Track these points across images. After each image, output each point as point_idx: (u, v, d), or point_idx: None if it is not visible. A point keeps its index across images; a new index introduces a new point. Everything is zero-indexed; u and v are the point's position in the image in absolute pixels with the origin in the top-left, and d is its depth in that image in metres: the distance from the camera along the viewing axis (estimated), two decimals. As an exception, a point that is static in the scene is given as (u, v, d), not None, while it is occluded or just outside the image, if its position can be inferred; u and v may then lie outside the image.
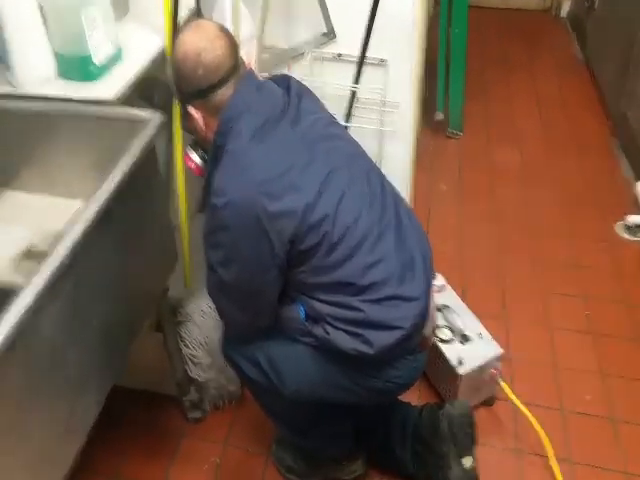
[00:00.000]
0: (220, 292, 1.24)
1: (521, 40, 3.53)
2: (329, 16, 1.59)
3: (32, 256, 0.96)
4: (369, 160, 1.29)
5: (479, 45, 3.38)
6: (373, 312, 1.15)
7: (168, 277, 1.47)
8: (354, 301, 1.15)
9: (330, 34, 1.62)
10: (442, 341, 1.69)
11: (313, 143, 1.16)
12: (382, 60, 1.62)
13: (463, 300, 1.99)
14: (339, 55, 1.64)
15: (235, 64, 1.15)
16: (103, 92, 1.31)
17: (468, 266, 2.19)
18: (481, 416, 1.70)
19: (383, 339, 1.15)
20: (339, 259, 1.13)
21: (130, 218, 1.20)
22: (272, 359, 1.26)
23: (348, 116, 1.60)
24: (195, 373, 1.65)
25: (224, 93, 1.14)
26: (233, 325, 1.31)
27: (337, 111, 1.62)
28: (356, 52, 1.58)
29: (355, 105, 1.65)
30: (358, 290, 1.15)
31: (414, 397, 1.74)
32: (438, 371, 1.73)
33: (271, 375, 1.27)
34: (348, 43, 1.53)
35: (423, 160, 2.66)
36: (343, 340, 1.16)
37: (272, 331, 1.26)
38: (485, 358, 1.64)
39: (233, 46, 1.15)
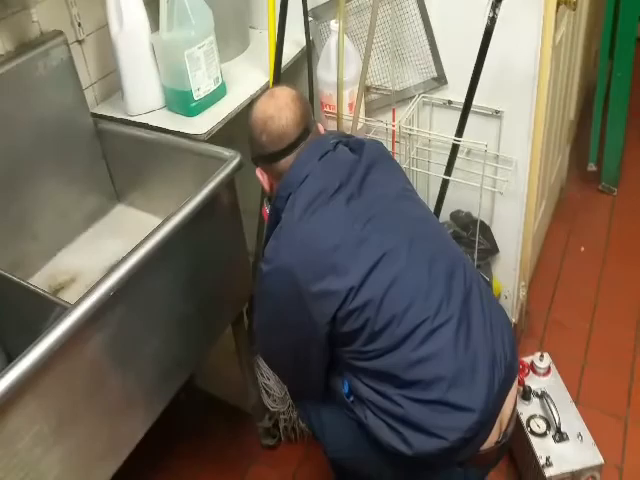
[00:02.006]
0: (265, 355, 1.26)
1: None
2: (440, 60, 1.51)
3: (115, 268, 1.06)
4: (442, 240, 1.19)
5: None
6: (414, 411, 1.05)
7: (241, 305, 1.54)
8: (395, 394, 1.07)
9: (441, 79, 1.53)
10: (533, 433, 1.52)
11: (371, 221, 1.09)
12: (497, 111, 1.49)
13: (578, 388, 1.80)
14: (449, 102, 1.55)
15: (302, 134, 1.14)
16: (195, 127, 1.42)
17: (595, 349, 1.93)
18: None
19: (424, 444, 1.05)
20: (381, 349, 1.06)
21: (202, 243, 1.29)
22: (321, 421, 1.26)
23: (449, 169, 1.50)
24: (267, 402, 1.71)
25: (287, 161, 1.14)
26: (286, 385, 1.31)
27: (443, 162, 1.54)
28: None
29: (464, 157, 1.55)
30: (401, 384, 1.06)
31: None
32: (524, 466, 1.56)
33: (319, 435, 1.28)
34: (460, 90, 1.43)
35: (565, 214, 2.42)
36: (382, 432, 1.09)
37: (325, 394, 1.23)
38: (579, 464, 1.44)
39: (303, 115, 1.14)
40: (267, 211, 1.28)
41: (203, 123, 1.43)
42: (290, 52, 1.64)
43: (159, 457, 1.73)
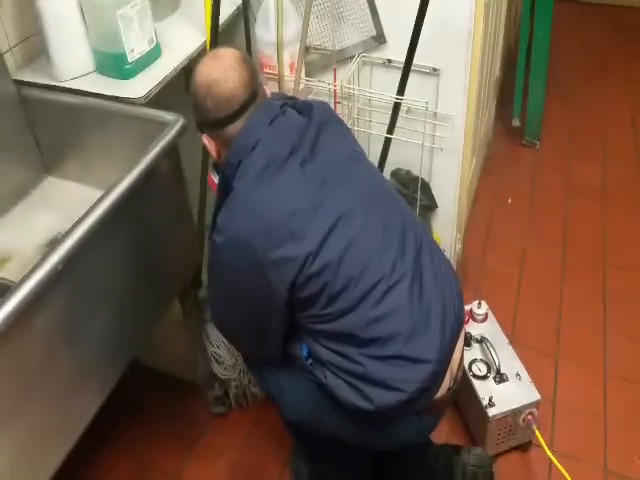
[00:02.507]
0: (222, 325, 1.26)
1: (621, 40, 3.26)
2: (379, 19, 1.54)
3: (57, 244, 1.02)
4: (392, 200, 1.22)
5: (570, 43, 3.17)
6: (374, 368, 1.10)
7: (189, 275, 1.52)
8: (355, 353, 1.10)
9: (380, 38, 1.57)
10: (475, 376, 1.62)
11: (325, 184, 1.10)
12: (434, 69, 1.55)
13: (512, 331, 1.93)
14: (389, 61, 1.59)
15: (249, 97, 1.12)
16: (133, 91, 1.37)
17: (524, 292, 2.08)
18: (512, 461, 1.64)
19: (384, 398, 1.10)
20: (340, 310, 1.09)
21: (146, 214, 1.26)
22: (279, 385, 1.28)
23: (391, 128, 1.55)
24: (217, 370, 1.72)
25: (235, 126, 1.12)
26: (241, 352, 1.33)
27: (384, 121, 1.59)
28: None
29: (404, 116, 1.61)
30: (360, 343, 1.10)
31: (443, 431, 1.70)
32: (469, 408, 1.67)
33: (277, 399, 1.30)
34: (399, 49, 1.47)
35: (492, 169, 2.55)
36: (342, 390, 1.13)
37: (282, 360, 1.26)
38: (519, 402, 1.55)
39: (250, 77, 1.12)
40: (213, 179, 1.27)
41: (139, 86, 1.37)
42: (225, 11, 1.60)
43: (108, 435, 1.72)
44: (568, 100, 2.86)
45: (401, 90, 1.48)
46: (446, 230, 1.86)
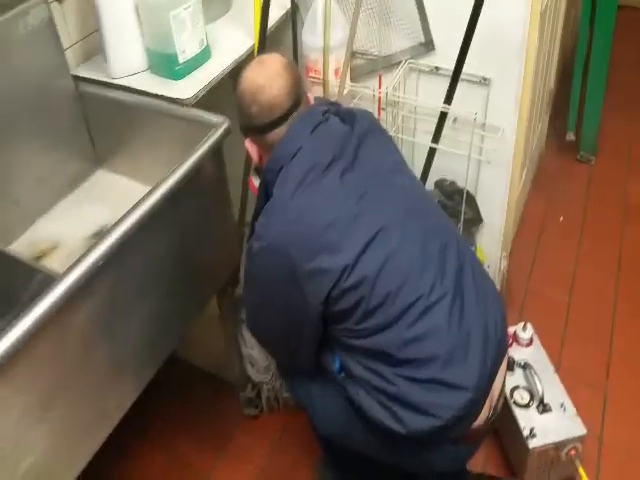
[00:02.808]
0: (254, 330, 1.26)
1: None
2: (428, 25, 1.51)
3: (101, 238, 1.05)
4: (434, 215, 1.19)
5: (632, 52, 3.05)
6: (408, 390, 1.06)
7: (228, 273, 1.54)
8: (389, 373, 1.07)
9: (429, 45, 1.53)
10: (517, 404, 1.55)
11: (365, 196, 1.08)
12: (484, 79, 1.51)
13: (558, 359, 1.85)
14: (437, 69, 1.56)
15: (293, 104, 1.11)
16: (182, 92, 1.39)
17: (573, 319, 1.99)
18: (552, 496, 1.57)
19: (417, 422, 1.07)
20: (375, 326, 1.06)
21: (188, 213, 1.28)
22: (311, 397, 1.27)
23: (437, 137, 1.52)
24: (250, 372, 1.73)
25: (278, 133, 1.12)
26: (274, 359, 1.32)
27: (429, 129, 1.55)
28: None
29: (450, 125, 1.56)
30: (395, 362, 1.07)
31: (479, 459, 1.64)
32: (509, 437, 1.61)
33: (308, 411, 1.29)
34: (448, 57, 1.44)
35: (543, 184, 2.47)
36: (374, 410, 1.10)
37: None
38: (563, 435, 1.48)
39: (294, 85, 1.11)
40: (254, 182, 1.27)
41: (188, 87, 1.40)
42: (274, 15, 1.60)
43: (142, 427, 1.75)
44: (628, 114, 2.75)
45: (448, 99, 1.44)
46: (491, 246, 1.80)
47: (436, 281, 1.07)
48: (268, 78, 1.10)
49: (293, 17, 1.60)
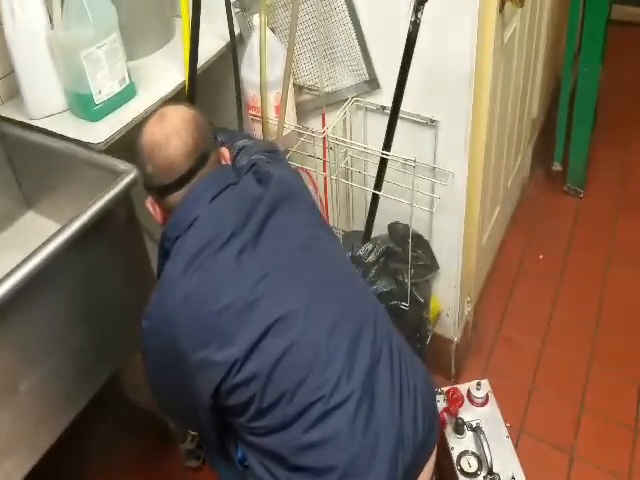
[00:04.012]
0: (156, 400, 1.18)
1: None
2: (371, 63, 1.44)
3: None
4: (349, 297, 1.08)
5: (628, 74, 2.95)
6: None
7: None
8: (284, 477, 1.00)
9: (373, 83, 1.47)
10: (463, 472, 1.48)
11: (265, 278, 0.99)
12: (432, 120, 1.44)
13: (523, 414, 1.79)
14: (383, 108, 1.49)
15: (194, 165, 1.03)
16: (94, 135, 1.35)
17: (543, 370, 1.90)
18: None
19: None
20: (269, 427, 0.99)
21: (96, 265, 1.25)
22: (219, 474, 1.24)
23: (378, 183, 1.46)
24: None
25: (177, 196, 1.05)
26: None
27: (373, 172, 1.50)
28: (404, 107, 1.43)
29: (399, 170, 1.51)
30: (290, 467, 0.99)
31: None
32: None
33: None
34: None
35: (525, 217, 2.39)
36: None
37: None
38: (508, 516, 1.41)
39: (197, 144, 1.04)
40: None
41: (104, 130, 1.35)
42: (213, 47, 1.56)
43: (76, 472, 1.73)
44: (620, 144, 2.66)
45: (387, 143, 1.38)
46: (449, 293, 1.73)
47: (341, 379, 0.98)
48: (165, 135, 1.03)
49: (233, 50, 1.55)
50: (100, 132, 1.35)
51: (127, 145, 1.30)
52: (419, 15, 1.18)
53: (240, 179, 1.09)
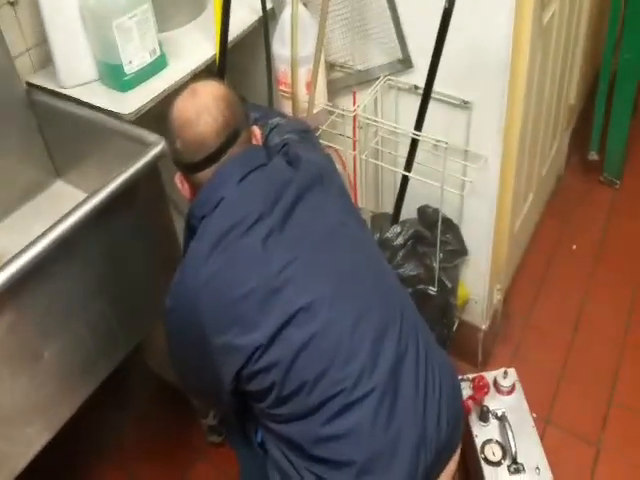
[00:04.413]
0: (178, 377, 1.18)
1: None
2: (405, 42, 1.40)
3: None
4: (380, 288, 1.05)
5: None
6: None
7: None
8: (301, 466, 0.99)
9: (406, 62, 1.43)
10: (487, 461, 1.46)
11: (291, 265, 0.96)
12: (465, 102, 1.40)
13: (551, 405, 1.75)
14: (415, 87, 1.46)
15: (224, 143, 1.01)
16: (124, 105, 1.35)
17: (572, 360, 1.86)
18: None
19: None
20: (289, 415, 0.97)
21: (122, 238, 1.25)
22: (240, 458, 1.25)
23: (409, 165, 1.42)
24: None
25: (206, 174, 1.03)
26: None
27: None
28: (437, 87, 1.40)
29: (431, 151, 1.47)
30: (308, 457, 0.98)
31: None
32: (477, 492, 1.52)
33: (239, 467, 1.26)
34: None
35: (560, 207, 2.33)
36: None
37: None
38: (531, 504, 1.38)
39: (228, 121, 1.01)
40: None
41: (134, 100, 1.35)
42: (245, 21, 1.54)
43: (97, 447, 1.75)
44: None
45: (419, 124, 1.35)
46: (478, 280, 1.70)
47: (364, 373, 0.96)
48: (196, 112, 1.01)
49: (265, 25, 1.53)
50: (130, 102, 1.34)
51: (157, 116, 1.29)
52: (455, -8, 1.14)
53: (270, 160, 1.06)
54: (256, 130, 1.12)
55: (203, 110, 1.01)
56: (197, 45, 1.50)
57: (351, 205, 1.15)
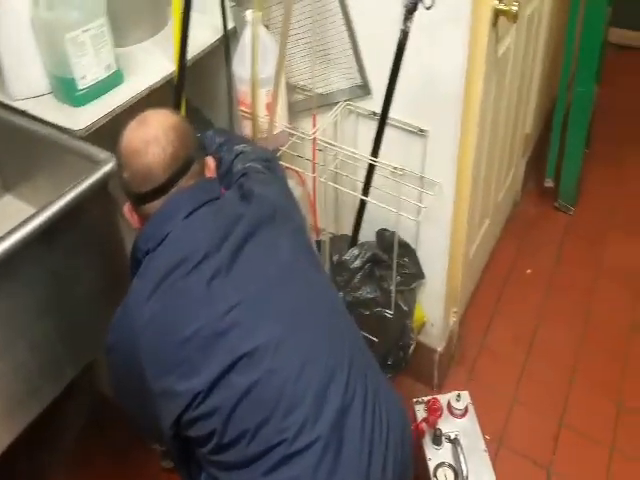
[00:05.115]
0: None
1: None
2: (364, 68, 1.42)
3: None
4: (327, 334, 1.00)
5: (619, 98, 2.91)
6: None
7: None
8: None
9: (365, 88, 1.45)
10: (439, 485, 1.46)
11: (237, 307, 0.93)
12: (421, 130, 1.42)
13: (503, 427, 1.76)
14: (374, 114, 1.47)
15: (172, 177, 0.98)
16: (75, 121, 1.31)
17: (525, 382, 1.88)
18: None
19: None
20: (229, 463, 0.94)
21: (67, 259, 1.21)
22: None
23: (366, 189, 1.43)
24: None
25: (154, 206, 1.00)
26: None
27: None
28: (394, 114, 1.41)
29: (388, 177, 1.48)
30: None
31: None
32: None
33: None
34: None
35: (515, 231, 2.37)
36: None
37: None
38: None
39: (176, 153, 0.98)
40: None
41: (85, 116, 1.32)
42: (209, 38, 1.53)
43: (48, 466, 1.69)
44: (614, 162, 2.64)
45: (375, 150, 1.36)
46: (434, 303, 1.71)
47: (307, 423, 0.91)
48: (144, 142, 0.98)
49: (226, 44, 1.53)
50: (81, 118, 1.32)
51: (113, 133, 1.27)
52: (408, 24, 1.16)
53: (223, 193, 1.04)
54: (210, 161, 1.10)
55: (152, 140, 0.98)
56: (156, 61, 1.48)
57: (307, 245, 1.11)
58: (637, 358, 1.93)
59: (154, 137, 0.98)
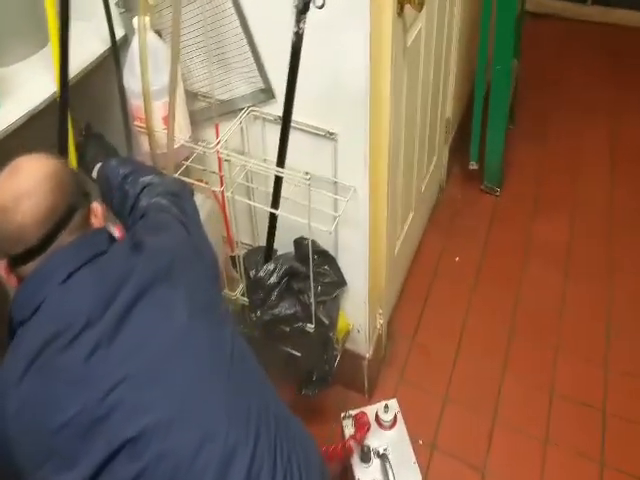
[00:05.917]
0: None
1: (608, 67, 3.00)
2: (265, 72, 1.33)
3: None
4: (227, 408, 0.90)
5: (541, 69, 2.94)
6: None
7: None
8: None
9: (268, 92, 1.37)
10: (366, 502, 1.43)
11: (120, 385, 0.84)
12: (330, 133, 1.35)
13: (436, 429, 1.74)
14: (280, 118, 1.38)
15: (48, 235, 0.89)
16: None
17: (456, 380, 1.87)
18: None
19: None
20: None
21: None
22: None
23: (276, 202, 1.36)
24: None
25: (29, 268, 0.90)
26: None
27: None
28: (302, 118, 1.34)
29: (299, 184, 1.40)
30: None
31: None
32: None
33: None
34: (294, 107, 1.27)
35: (442, 219, 2.35)
36: None
37: None
38: None
39: (53, 208, 0.89)
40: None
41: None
42: (97, 49, 1.42)
43: None
44: (539, 140, 2.65)
45: (281, 159, 1.28)
46: (358, 309, 1.66)
47: None
48: (14, 197, 0.88)
49: (115, 55, 1.42)
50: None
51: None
52: (301, 25, 1.08)
53: (135, 224, 0.96)
54: (97, 208, 1.00)
55: (23, 194, 0.89)
56: (38, 81, 1.36)
57: (212, 295, 1.02)
58: (569, 342, 1.94)
59: (26, 191, 0.89)
